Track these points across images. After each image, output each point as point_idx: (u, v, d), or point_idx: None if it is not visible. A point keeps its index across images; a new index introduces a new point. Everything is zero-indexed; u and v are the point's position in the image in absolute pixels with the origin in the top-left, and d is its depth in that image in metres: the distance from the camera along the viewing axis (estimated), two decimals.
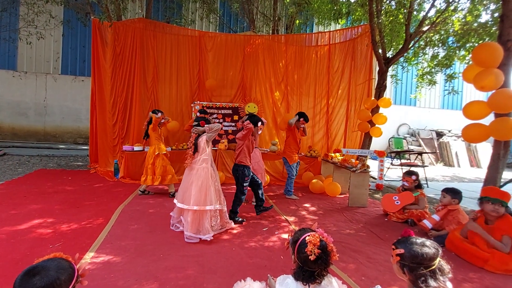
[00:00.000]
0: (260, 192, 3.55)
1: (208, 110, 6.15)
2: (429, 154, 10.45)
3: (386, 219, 3.75)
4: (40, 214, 3.34)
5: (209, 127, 3.08)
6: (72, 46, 9.85)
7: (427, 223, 3.11)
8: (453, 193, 3.10)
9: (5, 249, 2.46)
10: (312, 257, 1.30)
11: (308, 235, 1.36)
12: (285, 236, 3.05)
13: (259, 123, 3.44)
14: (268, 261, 2.47)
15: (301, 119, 4.63)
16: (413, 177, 3.66)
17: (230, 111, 6.40)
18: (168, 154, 4.54)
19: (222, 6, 10.13)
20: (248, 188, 3.52)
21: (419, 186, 3.71)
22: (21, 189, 4.34)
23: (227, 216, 3.18)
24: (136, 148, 5.53)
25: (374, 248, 2.83)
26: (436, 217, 3.17)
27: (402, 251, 1.27)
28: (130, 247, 2.64)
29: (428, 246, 1.25)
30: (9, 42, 8.54)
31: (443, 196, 3.16)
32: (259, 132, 3.46)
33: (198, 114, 5.05)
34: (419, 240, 1.29)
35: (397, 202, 3.63)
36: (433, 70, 7.70)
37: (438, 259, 1.23)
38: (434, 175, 8.03)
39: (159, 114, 4.45)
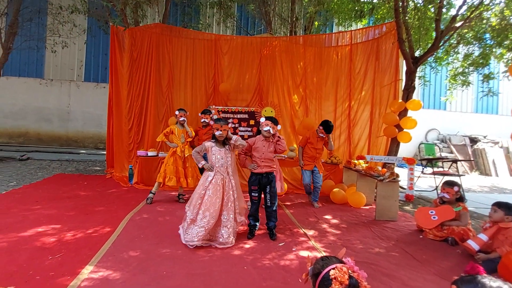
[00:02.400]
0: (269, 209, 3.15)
1: (223, 115, 5.97)
2: (462, 162, 9.59)
3: (421, 236, 3.28)
4: (48, 220, 3.23)
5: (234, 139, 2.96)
6: (95, 54, 10.16)
7: (473, 244, 2.64)
8: (508, 209, 2.60)
9: (3, 259, 2.32)
10: None
11: (334, 268, 1.04)
12: (304, 253, 2.70)
13: (261, 120, 3.17)
14: (284, 284, 2.14)
15: (321, 128, 4.31)
16: (455, 188, 3.17)
17: (246, 116, 6.17)
18: (174, 155, 4.27)
19: (238, 9, 10.06)
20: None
21: (460, 199, 3.22)
22: (36, 194, 4.33)
23: (222, 233, 2.82)
24: (150, 154, 5.42)
25: (410, 272, 2.40)
26: (483, 236, 2.69)
27: None
28: (133, 261, 2.41)
29: None
30: (36, 51, 8.95)
31: (494, 211, 2.67)
32: (265, 129, 3.04)
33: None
34: (494, 283, 0.93)
35: (434, 217, 3.16)
36: (466, 70, 7.06)
37: None
38: (470, 185, 7.29)
39: (176, 112, 4.37)
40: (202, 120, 4.81)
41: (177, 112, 4.38)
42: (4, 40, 6.79)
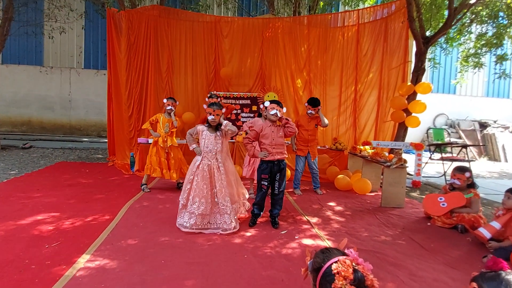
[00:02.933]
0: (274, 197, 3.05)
1: (225, 101, 5.80)
2: (471, 148, 9.34)
3: (429, 224, 3.16)
4: (47, 208, 3.20)
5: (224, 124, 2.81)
6: (94, 40, 9.94)
7: (484, 232, 2.51)
8: None
9: None
10: None
11: (336, 261, 0.93)
12: (307, 241, 2.62)
13: (265, 104, 3.01)
14: (285, 274, 2.06)
15: (307, 104, 4.15)
16: (467, 174, 3.01)
17: (248, 101, 6.00)
18: (156, 146, 4.12)
19: None
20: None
21: (471, 185, 3.07)
22: (37, 182, 4.30)
23: (224, 219, 2.76)
24: (150, 141, 5.31)
25: (418, 261, 2.30)
26: (496, 224, 2.56)
27: None
28: (131, 249, 2.36)
29: None
30: (34, 38, 8.76)
31: (508, 198, 2.53)
32: (272, 112, 2.88)
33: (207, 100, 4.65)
34: None
35: (443, 204, 3.03)
36: (479, 51, 6.71)
37: None
38: (479, 171, 7.10)
39: (164, 100, 4.19)
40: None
41: (165, 100, 4.17)
42: None
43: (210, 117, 2.79)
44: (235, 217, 2.86)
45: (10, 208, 3.13)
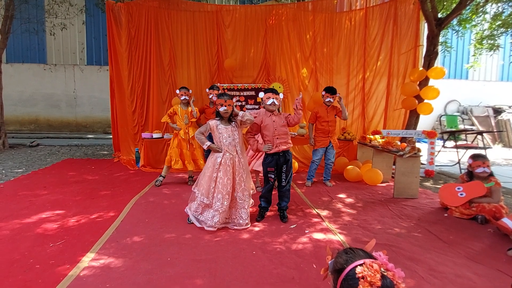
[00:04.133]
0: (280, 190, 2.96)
1: (229, 93, 5.67)
2: (484, 134, 8.99)
3: (445, 215, 3.01)
4: (53, 206, 3.16)
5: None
6: (95, 35, 9.85)
7: (509, 223, 2.36)
8: None
9: (5, 247, 2.25)
10: None
11: (361, 264, 0.81)
12: (318, 235, 2.51)
13: (260, 95, 2.92)
14: (296, 271, 1.96)
15: (324, 93, 4.00)
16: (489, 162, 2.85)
17: (253, 93, 5.85)
18: (177, 137, 4.12)
19: None
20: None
21: (491, 174, 2.90)
22: (44, 179, 4.29)
23: (241, 214, 2.68)
24: (155, 136, 5.27)
25: (437, 255, 2.17)
26: None
27: None
28: (137, 247, 2.29)
29: None
30: (36, 35, 8.71)
31: None
32: (269, 102, 2.78)
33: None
34: None
35: (461, 194, 2.87)
36: (495, 32, 6.37)
37: None
38: (494, 158, 6.84)
39: (177, 91, 4.15)
40: (211, 96, 4.43)
41: (177, 91, 4.16)
42: (1, 24, 6.56)
43: (222, 109, 2.63)
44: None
45: (16, 206, 3.10)
